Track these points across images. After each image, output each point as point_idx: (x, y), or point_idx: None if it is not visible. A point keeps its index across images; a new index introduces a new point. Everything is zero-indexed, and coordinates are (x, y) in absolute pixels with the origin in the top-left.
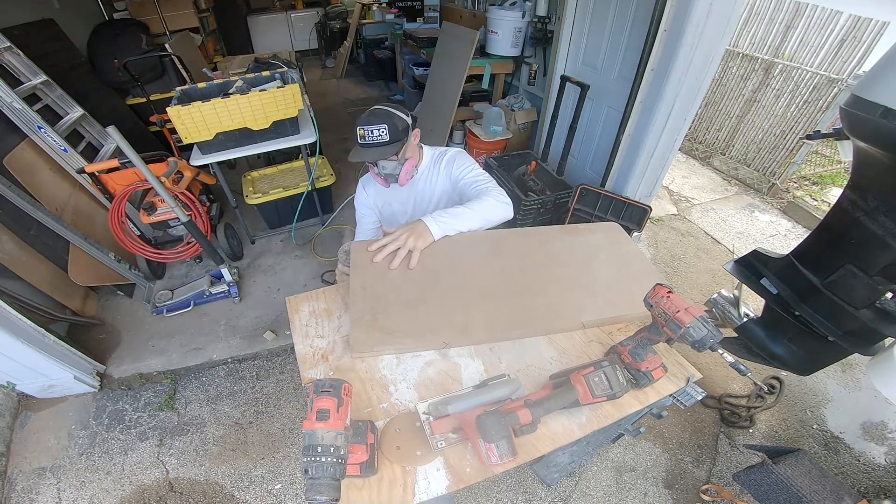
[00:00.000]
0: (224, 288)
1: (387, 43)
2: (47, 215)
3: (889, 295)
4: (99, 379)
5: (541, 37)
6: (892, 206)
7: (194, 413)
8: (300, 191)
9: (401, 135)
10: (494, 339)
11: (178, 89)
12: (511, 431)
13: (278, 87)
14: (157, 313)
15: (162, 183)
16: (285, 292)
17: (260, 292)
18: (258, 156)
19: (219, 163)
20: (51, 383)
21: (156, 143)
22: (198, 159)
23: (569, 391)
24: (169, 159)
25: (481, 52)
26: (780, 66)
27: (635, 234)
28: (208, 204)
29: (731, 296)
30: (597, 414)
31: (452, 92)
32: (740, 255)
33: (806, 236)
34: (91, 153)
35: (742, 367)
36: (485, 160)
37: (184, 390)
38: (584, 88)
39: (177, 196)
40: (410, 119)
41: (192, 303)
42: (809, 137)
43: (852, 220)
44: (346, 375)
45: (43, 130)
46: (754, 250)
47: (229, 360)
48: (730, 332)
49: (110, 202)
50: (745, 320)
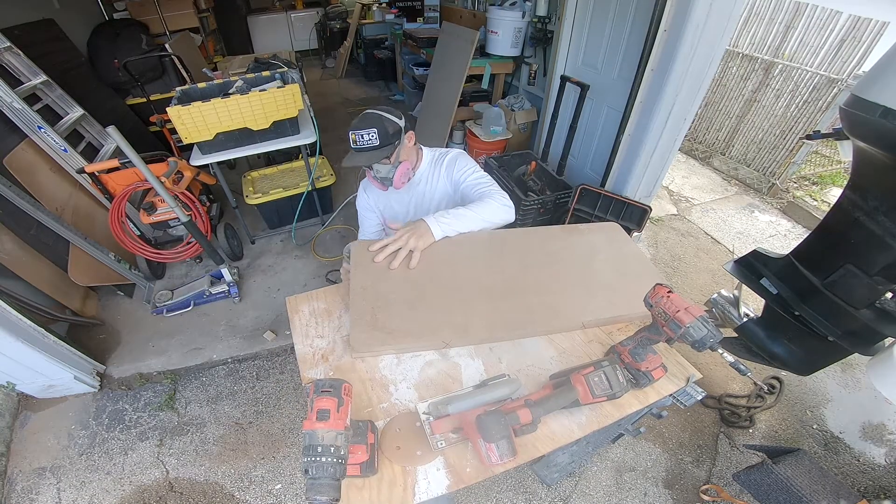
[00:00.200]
0: (224, 288)
1: (387, 43)
2: (47, 215)
3: (889, 295)
4: (99, 379)
5: (541, 37)
6: (892, 206)
7: (194, 413)
8: (300, 191)
9: (391, 138)
10: (495, 339)
11: (178, 89)
12: (511, 431)
13: (278, 88)
14: (157, 313)
15: (162, 183)
16: (285, 292)
17: (260, 292)
18: (258, 156)
19: (219, 163)
20: (51, 383)
21: (156, 143)
22: (198, 159)
23: (569, 391)
24: (169, 159)
25: (481, 52)
26: (779, 66)
27: (635, 234)
28: (208, 204)
29: (731, 296)
30: (597, 414)
31: (452, 92)
32: (740, 255)
33: (806, 236)
34: (91, 153)
35: (742, 366)
36: (485, 160)
37: (184, 390)
38: (584, 88)
39: (177, 196)
40: (403, 122)
41: (192, 303)
42: (809, 137)
43: (852, 220)
44: (346, 375)
45: (43, 130)
46: (754, 250)
47: (229, 360)
48: (730, 332)
49: (110, 202)
50: (745, 320)
